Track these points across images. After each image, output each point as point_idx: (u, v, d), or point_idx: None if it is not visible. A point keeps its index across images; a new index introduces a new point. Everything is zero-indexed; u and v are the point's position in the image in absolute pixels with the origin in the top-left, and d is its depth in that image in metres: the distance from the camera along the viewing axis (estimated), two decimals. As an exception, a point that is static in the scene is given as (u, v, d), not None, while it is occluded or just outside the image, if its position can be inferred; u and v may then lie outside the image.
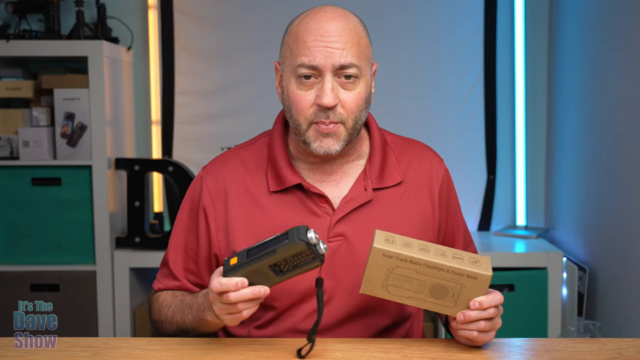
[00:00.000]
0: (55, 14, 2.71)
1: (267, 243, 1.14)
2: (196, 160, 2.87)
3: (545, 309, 2.56)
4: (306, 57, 1.27)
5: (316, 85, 1.28)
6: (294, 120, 1.31)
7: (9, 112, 2.65)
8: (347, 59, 1.27)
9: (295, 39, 1.30)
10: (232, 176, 1.39)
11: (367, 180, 1.37)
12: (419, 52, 2.92)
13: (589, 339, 1.36)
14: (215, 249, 1.38)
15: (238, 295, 1.14)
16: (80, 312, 2.63)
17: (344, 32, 1.28)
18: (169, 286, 1.44)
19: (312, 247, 1.11)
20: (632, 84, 2.11)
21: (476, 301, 1.19)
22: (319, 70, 1.27)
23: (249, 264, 1.13)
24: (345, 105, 1.28)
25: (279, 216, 1.35)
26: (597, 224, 2.39)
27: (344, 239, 1.35)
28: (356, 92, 1.29)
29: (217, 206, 1.38)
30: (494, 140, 2.95)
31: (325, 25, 1.28)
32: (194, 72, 2.93)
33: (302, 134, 1.31)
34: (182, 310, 1.34)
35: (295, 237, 1.10)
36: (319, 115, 1.28)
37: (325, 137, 1.29)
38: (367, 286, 1.21)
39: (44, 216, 2.63)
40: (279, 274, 1.15)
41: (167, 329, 1.39)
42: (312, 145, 1.30)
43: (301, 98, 1.29)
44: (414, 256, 1.17)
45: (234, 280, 1.14)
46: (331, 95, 1.26)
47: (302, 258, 1.13)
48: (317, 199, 1.35)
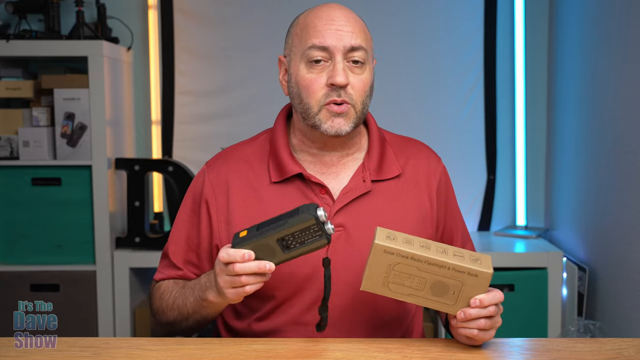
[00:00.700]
0: (55, 14, 2.71)
1: (277, 217, 1.18)
2: (196, 160, 2.87)
3: (545, 309, 2.56)
4: (317, 39, 1.31)
5: (327, 68, 1.32)
6: (304, 105, 1.34)
7: (9, 112, 2.65)
8: (357, 41, 1.32)
9: (304, 26, 1.35)
10: (234, 170, 1.42)
11: (366, 172, 1.40)
12: (419, 53, 2.92)
13: (589, 339, 1.36)
14: (217, 240, 1.40)
15: (244, 266, 1.17)
16: (80, 312, 2.63)
17: (352, 19, 1.35)
18: (171, 275, 1.45)
19: (320, 224, 1.15)
20: (632, 85, 2.11)
21: (477, 299, 1.20)
22: (329, 52, 1.31)
23: (259, 237, 1.17)
24: (354, 88, 1.33)
25: (280, 206, 1.37)
26: (597, 224, 2.39)
27: (343, 230, 1.36)
28: (363, 76, 1.34)
29: (218, 198, 1.40)
30: (494, 140, 2.95)
31: (333, 13, 1.34)
32: (194, 72, 2.93)
33: (312, 117, 1.34)
34: (184, 294, 1.36)
35: (306, 211, 1.15)
36: (330, 95, 1.32)
37: (337, 117, 1.32)
38: (368, 283, 1.21)
39: (44, 216, 2.63)
40: (286, 250, 1.18)
41: (168, 316, 1.40)
42: (323, 126, 1.33)
43: (312, 81, 1.32)
44: (416, 253, 1.18)
45: (241, 251, 1.17)
46: (343, 74, 1.31)
47: (309, 234, 1.16)
48: (317, 189, 1.38)
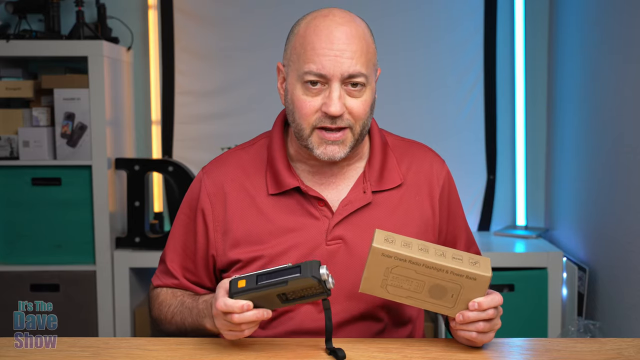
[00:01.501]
0: (55, 14, 2.71)
1: (278, 272, 1.16)
2: (196, 160, 2.87)
3: (545, 309, 2.56)
4: (314, 64, 1.25)
5: (323, 92, 1.27)
6: (297, 125, 1.30)
7: (9, 112, 2.65)
8: (356, 68, 1.26)
9: (302, 42, 1.28)
10: (231, 178, 1.39)
11: (367, 183, 1.37)
12: (419, 53, 2.92)
13: (589, 339, 1.36)
14: (213, 250, 1.39)
15: (242, 317, 1.16)
16: (80, 312, 2.63)
17: (354, 40, 1.27)
18: (168, 284, 1.44)
19: (322, 283, 1.14)
20: (631, 85, 2.11)
21: (475, 302, 1.19)
22: (326, 78, 1.26)
23: (258, 290, 1.15)
24: (352, 112, 1.28)
25: (278, 219, 1.35)
26: (597, 224, 2.39)
27: (342, 242, 1.34)
28: (363, 99, 1.29)
29: (215, 208, 1.38)
30: (494, 140, 2.95)
31: (335, 32, 1.26)
32: (194, 72, 2.93)
33: (304, 139, 1.30)
34: (182, 313, 1.35)
35: (309, 273, 1.13)
36: (323, 121, 1.28)
37: (331, 144, 1.29)
38: (366, 285, 1.21)
39: (43, 216, 2.63)
40: (284, 302, 1.18)
41: (167, 328, 1.40)
42: (316, 151, 1.30)
43: (306, 104, 1.28)
44: (413, 256, 1.17)
45: (239, 302, 1.15)
46: (338, 104, 1.26)
47: (310, 291, 1.16)
48: (315, 202, 1.35)
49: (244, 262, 1.35)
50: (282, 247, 1.33)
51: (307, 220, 1.34)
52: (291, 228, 1.34)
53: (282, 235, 1.34)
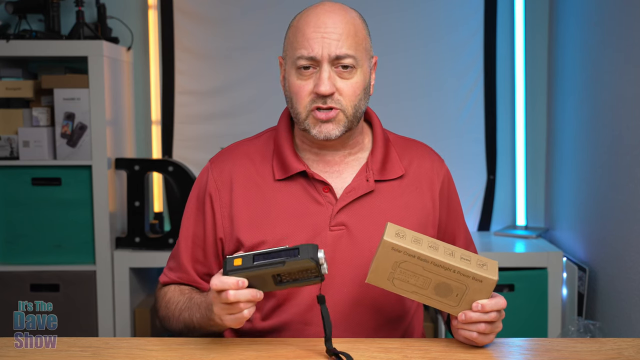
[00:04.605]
0: (55, 14, 2.71)
1: (276, 253, 1.16)
2: (196, 160, 2.87)
3: (545, 309, 2.56)
4: (305, 49, 1.32)
5: (314, 74, 1.33)
6: (294, 110, 1.36)
7: (9, 112, 2.65)
8: (343, 50, 1.31)
9: (295, 32, 1.36)
10: (238, 166, 1.43)
11: (369, 172, 1.40)
12: (419, 52, 2.92)
13: (589, 339, 1.36)
14: (221, 233, 1.41)
15: (237, 294, 1.16)
16: (80, 312, 2.63)
17: (341, 24, 1.33)
18: (175, 279, 1.45)
19: (318, 267, 1.15)
20: (631, 85, 2.11)
21: (479, 304, 1.21)
22: (316, 60, 1.32)
23: (254, 269, 1.15)
24: (342, 93, 1.33)
25: (283, 204, 1.37)
26: (597, 224, 2.39)
27: (345, 229, 1.37)
28: (353, 81, 1.34)
29: (222, 193, 1.41)
30: (494, 140, 2.95)
31: (323, 18, 1.33)
32: (194, 72, 2.93)
33: (301, 122, 1.35)
34: (190, 308, 1.36)
35: (308, 255, 1.14)
36: (316, 102, 1.33)
37: (325, 122, 1.33)
38: (373, 277, 1.22)
39: (43, 216, 2.63)
40: (278, 284, 1.18)
41: (174, 325, 1.41)
42: (312, 131, 1.34)
43: (300, 88, 1.34)
44: (423, 253, 1.18)
45: (234, 278, 1.16)
46: (328, 83, 1.31)
47: (306, 274, 1.16)
48: (320, 187, 1.38)
49: (247, 247, 1.37)
50: (285, 232, 1.36)
51: (312, 206, 1.37)
52: (295, 213, 1.37)
53: (286, 220, 1.36)
